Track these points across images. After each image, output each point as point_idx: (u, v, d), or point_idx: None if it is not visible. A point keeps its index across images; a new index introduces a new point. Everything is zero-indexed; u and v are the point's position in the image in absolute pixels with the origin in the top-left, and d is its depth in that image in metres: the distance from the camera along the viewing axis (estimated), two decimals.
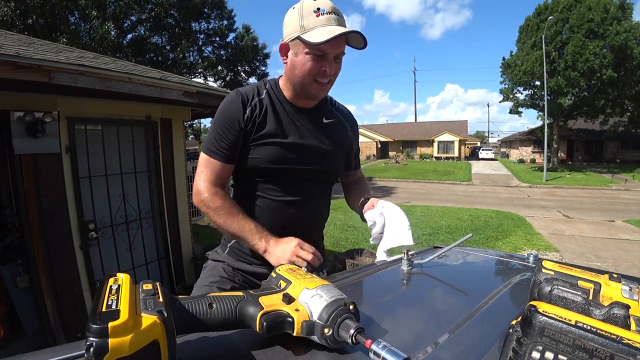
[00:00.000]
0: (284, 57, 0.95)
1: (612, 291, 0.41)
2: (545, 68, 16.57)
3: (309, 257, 0.83)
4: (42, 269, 2.32)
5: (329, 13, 0.87)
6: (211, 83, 15.57)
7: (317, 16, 0.86)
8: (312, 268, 0.82)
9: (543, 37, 16.87)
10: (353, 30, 0.86)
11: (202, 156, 0.97)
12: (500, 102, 22.39)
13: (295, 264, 0.62)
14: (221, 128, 0.94)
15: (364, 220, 1.04)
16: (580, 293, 0.42)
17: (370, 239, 1.00)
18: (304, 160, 0.99)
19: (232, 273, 1.02)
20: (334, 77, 0.95)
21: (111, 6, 12.05)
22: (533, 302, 0.34)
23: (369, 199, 1.06)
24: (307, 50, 0.89)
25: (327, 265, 1.19)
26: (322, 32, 0.85)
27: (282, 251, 0.85)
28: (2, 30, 3.38)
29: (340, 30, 0.85)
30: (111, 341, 0.28)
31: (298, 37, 0.88)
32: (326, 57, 0.90)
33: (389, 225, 0.94)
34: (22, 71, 1.78)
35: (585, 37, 16.79)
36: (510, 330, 0.35)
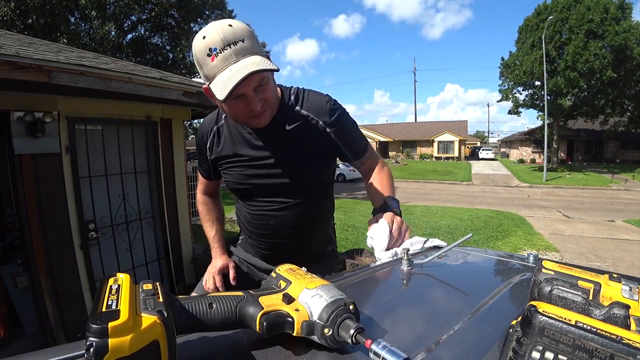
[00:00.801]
0: (213, 100, 0.86)
1: (612, 291, 0.41)
2: (545, 68, 16.57)
3: (209, 283, 1.10)
4: (42, 269, 2.32)
5: (222, 50, 0.75)
6: None
7: (212, 60, 0.76)
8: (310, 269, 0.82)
9: (543, 37, 16.87)
10: (248, 73, 0.74)
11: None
12: (498, 101, 22.38)
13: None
14: (198, 154, 1.11)
15: None
16: (580, 293, 0.42)
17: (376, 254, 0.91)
18: (269, 176, 0.98)
19: (239, 262, 1.18)
20: (267, 102, 0.86)
21: (111, 6, 12.05)
22: (533, 302, 0.34)
23: (378, 211, 0.97)
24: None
25: (334, 266, 1.20)
26: (220, 83, 0.75)
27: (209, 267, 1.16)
28: (2, 30, 3.38)
29: (237, 78, 0.73)
30: (111, 341, 0.28)
31: (209, 87, 0.81)
32: (245, 95, 0.81)
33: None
34: (22, 71, 1.78)
35: (585, 38, 16.79)
36: (510, 330, 0.35)
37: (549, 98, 18.00)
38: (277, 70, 0.80)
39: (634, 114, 19.90)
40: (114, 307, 0.31)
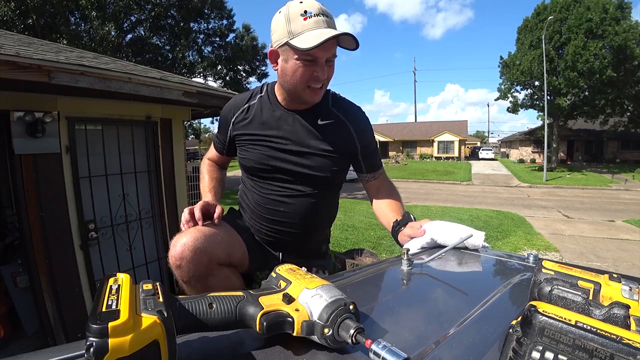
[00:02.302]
0: (274, 64, 0.93)
1: (612, 291, 0.41)
2: (545, 67, 16.58)
3: (185, 215, 0.89)
4: (42, 269, 2.32)
5: (317, 15, 0.84)
6: (211, 83, 15.58)
7: (305, 19, 0.83)
8: (310, 268, 0.83)
9: (543, 37, 16.87)
10: (343, 32, 0.83)
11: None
12: (496, 99, 22.36)
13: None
14: (219, 126, 1.13)
15: (399, 244, 0.97)
16: (580, 293, 0.42)
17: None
18: (292, 162, 0.99)
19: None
20: (327, 80, 0.93)
21: (111, 6, 12.05)
22: (533, 302, 0.34)
23: (402, 223, 0.97)
24: (296, 56, 0.86)
25: (329, 266, 1.20)
26: (311, 36, 0.82)
27: None
28: (2, 30, 3.38)
29: (329, 33, 0.81)
30: (111, 341, 0.28)
31: (286, 43, 0.85)
32: (317, 61, 0.87)
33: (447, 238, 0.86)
34: (22, 71, 1.78)
35: (584, 37, 16.80)
36: (510, 330, 0.35)
37: (549, 98, 18.01)
38: (356, 48, 0.88)
39: (634, 114, 19.90)
40: (114, 307, 0.31)
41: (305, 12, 0.83)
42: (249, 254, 1.02)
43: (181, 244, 0.82)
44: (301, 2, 0.85)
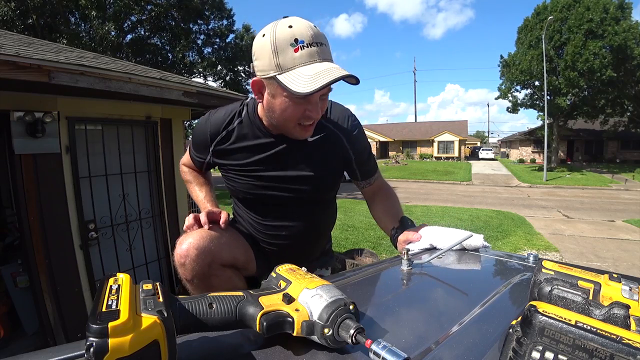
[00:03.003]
0: (258, 96, 0.81)
1: (612, 291, 0.41)
2: (545, 67, 16.58)
3: (188, 220, 0.85)
4: (42, 269, 2.32)
5: (310, 45, 0.71)
6: (211, 83, 15.57)
7: (296, 51, 0.71)
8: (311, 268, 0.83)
9: (543, 37, 16.88)
10: (343, 75, 0.71)
11: (189, 144, 1.05)
12: (496, 99, 22.40)
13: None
14: (194, 143, 1.01)
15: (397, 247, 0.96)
16: (580, 293, 0.42)
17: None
18: (282, 190, 0.94)
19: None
20: (320, 115, 0.83)
21: (111, 6, 12.06)
22: (533, 302, 0.34)
23: (400, 230, 0.96)
24: (286, 93, 0.74)
25: (332, 264, 1.20)
26: (304, 76, 0.70)
27: None
28: (2, 30, 3.39)
29: (327, 74, 0.70)
30: (111, 341, 0.28)
31: (274, 78, 0.73)
32: (310, 100, 0.77)
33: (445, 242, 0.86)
34: (22, 71, 1.78)
35: (584, 37, 16.80)
36: (510, 330, 0.35)
37: (548, 98, 18.01)
38: (358, 83, 0.77)
39: (634, 114, 19.91)
40: (114, 307, 0.31)
41: (296, 40, 0.71)
42: (256, 259, 1.00)
43: (187, 243, 0.80)
44: (290, 27, 0.72)
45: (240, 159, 0.92)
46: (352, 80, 0.75)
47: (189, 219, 0.84)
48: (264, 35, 0.74)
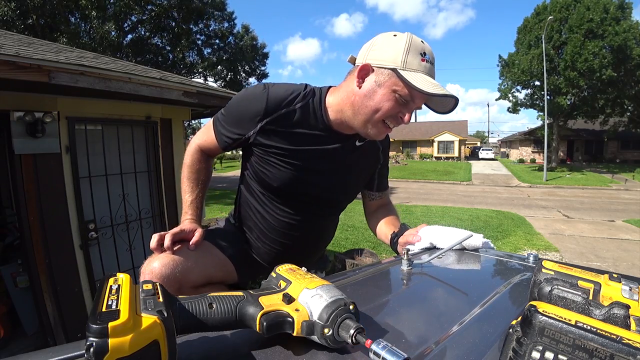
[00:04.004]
0: (359, 80, 0.80)
1: (612, 291, 0.41)
2: (545, 67, 16.58)
3: (153, 242, 0.77)
4: (42, 269, 2.32)
5: (431, 63, 0.79)
6: (211, 83, 15.59)
7: (422, 61, 0.77)
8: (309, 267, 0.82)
9: (543, 36, 16.88)
10: (455, 97, 0.78)
11: (210, 124, 0.94)
12: (497, 99, 22.43)
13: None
14: (232, 119, 0.88)
15: (397, 252, 0.96)
16: (580, 293, 0.42)
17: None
18: (320, 187, 0.91)
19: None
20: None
21: (111, 6, 12.06)
22: (533, 302, 0.34)
23: (399, 234, 0.96)
24: (396, 88, 0.76)
25: (327, 265, 1.20)
26: (426, 81, 0.74)
27: None
28: (2, 30, 3.38)
29: (446, 91, 0.75)
30: (111, 341, 0.28)
31: (394, 70, 0.76)
32: (409, 105, 0.79)
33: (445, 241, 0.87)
34: (22, 71, 1.78)
35: (584, 37, 16.81)
36: (510, 330, 0.35)
37: (548, 98, 18.01)
38: (448, 112, 0.84)
39: (634, 114, 19.91)
40: (114, 307, 0.31)
41: (424, 54, 0.77)
42: (237, 269, 0.95)
43: (149, 272, 0.74)
44: (422, 42, 0.79)
45: (290, 144, 0.85)
46: (444, 108, 0.83)
47: (154, 241, 0.77)
48: (395, 35, 0.79)
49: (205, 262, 0.85)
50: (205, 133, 0.95)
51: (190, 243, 0.81)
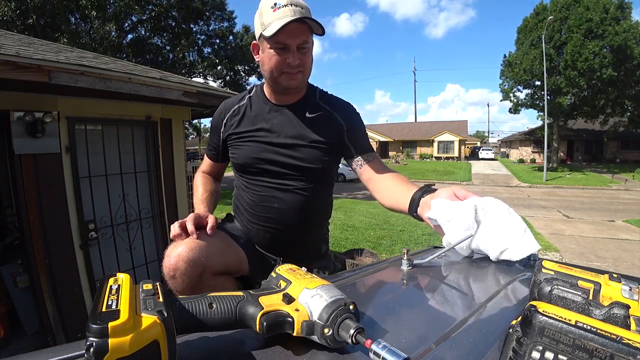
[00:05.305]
0: (256, 56, 1.01)
1: (612, 291, 0.41)
2: (545, 66, 16.58)
3: (174, 229, 0.82)
4: (42, 269, 2.32)
5: (285, 6, 0.87)
6: (211, 83, 15.57)
7: (274, 11, 0.88)
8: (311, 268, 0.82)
9: (543, 36, 16.88)
10: (299, 18, 0.86)
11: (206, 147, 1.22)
12: (500, 100, 22.46)
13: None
14: (211, 132, 1.17)
15: (418, 218, 0.83)
16: (580, 293, 0.42)
17: (444, 239, 0.75)
18: (279, 154, 1.01)
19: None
20: (304, 68, 0.96)
21: (111, 6, 12.06)
22: (533, 302, 0.34)
23: (427, 191, 0.84)
24: (269, 45, 0.91)
25: (330, 266, 1.20)
26: (278, 24, 0.86)
27: None
28: (2, 30, 3.38)
29: (287, 19, 0.85)
30: (111, 341, 0.28)
31: (261, 35, 0.91)
32: (288, 48, 0.91)
33: (494, 227, 0.70)
34: (22, 71, 1.78)
35: (584, 37, 16.80)
36: (510, 330, 0.35)
37: (549, 98, 18.01)
38: (323, 34, 0.92)
39: (634, 114, 19.90)
40: (114, 307, 0.31)
41: (275, 4, 0.88)
42: (248, 260, 1.00)
43: (175, 255, 0.78)
44: None
45: (246, 127, 1.05)
46: (317, 30, 0.91)
47: (175, 228, 0.82)
48: (258, 7, 0.93)
49: (223, 250, 0.92)
50: (203, 162, 1.23)
51: (208, 228, 0.86)
